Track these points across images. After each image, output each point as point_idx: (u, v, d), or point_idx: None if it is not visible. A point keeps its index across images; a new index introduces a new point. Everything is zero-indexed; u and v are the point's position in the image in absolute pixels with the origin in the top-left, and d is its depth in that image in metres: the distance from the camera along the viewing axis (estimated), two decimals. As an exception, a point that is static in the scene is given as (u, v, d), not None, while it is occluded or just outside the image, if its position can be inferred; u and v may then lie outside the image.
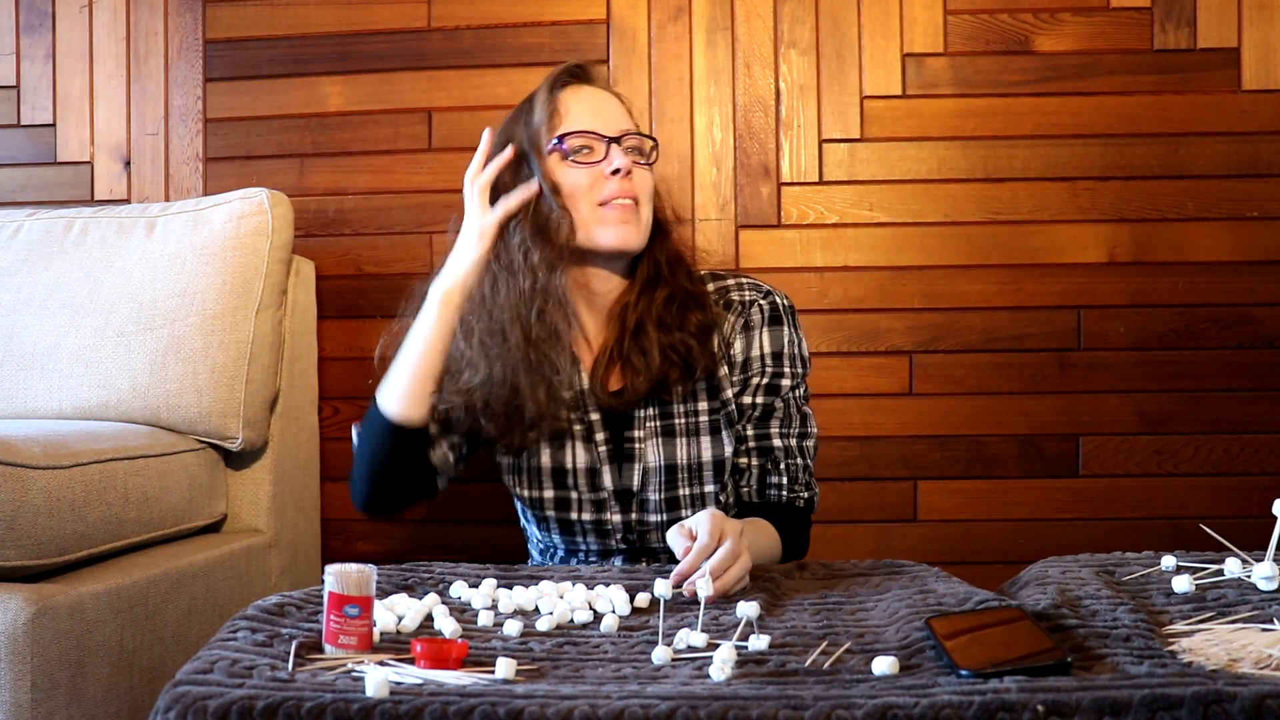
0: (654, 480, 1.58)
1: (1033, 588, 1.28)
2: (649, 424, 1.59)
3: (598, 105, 1.58)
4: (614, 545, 1.61)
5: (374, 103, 2.28)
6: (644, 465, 1.58)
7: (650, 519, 1.59)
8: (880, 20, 2.20)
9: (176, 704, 0.91)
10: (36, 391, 1.89)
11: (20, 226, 2.05)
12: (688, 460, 1.59)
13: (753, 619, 1.07)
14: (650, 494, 1.58)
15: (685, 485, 1.59)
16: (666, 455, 1.58)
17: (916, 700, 0.89)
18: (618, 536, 1.60)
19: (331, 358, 2.27)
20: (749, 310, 1.63)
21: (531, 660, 1.05)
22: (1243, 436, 2.17)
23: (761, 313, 1.63)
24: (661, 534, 1.57)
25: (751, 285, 1.66)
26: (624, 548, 1.61)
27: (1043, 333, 2.19)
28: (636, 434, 1.59)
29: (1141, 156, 2.17)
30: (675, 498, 1.59)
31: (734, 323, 1.63)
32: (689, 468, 1.59)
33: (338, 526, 2.28)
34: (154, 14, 2.32)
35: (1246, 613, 1.12)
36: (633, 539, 1.60)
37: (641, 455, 1.58)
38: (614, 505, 1.59)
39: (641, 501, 1.58)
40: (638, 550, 1.61)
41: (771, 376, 1.62)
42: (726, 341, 1.62)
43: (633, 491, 1.59)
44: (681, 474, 1.59)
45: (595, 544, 1.62)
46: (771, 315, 1.63)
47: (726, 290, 1.65)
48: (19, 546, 1.41)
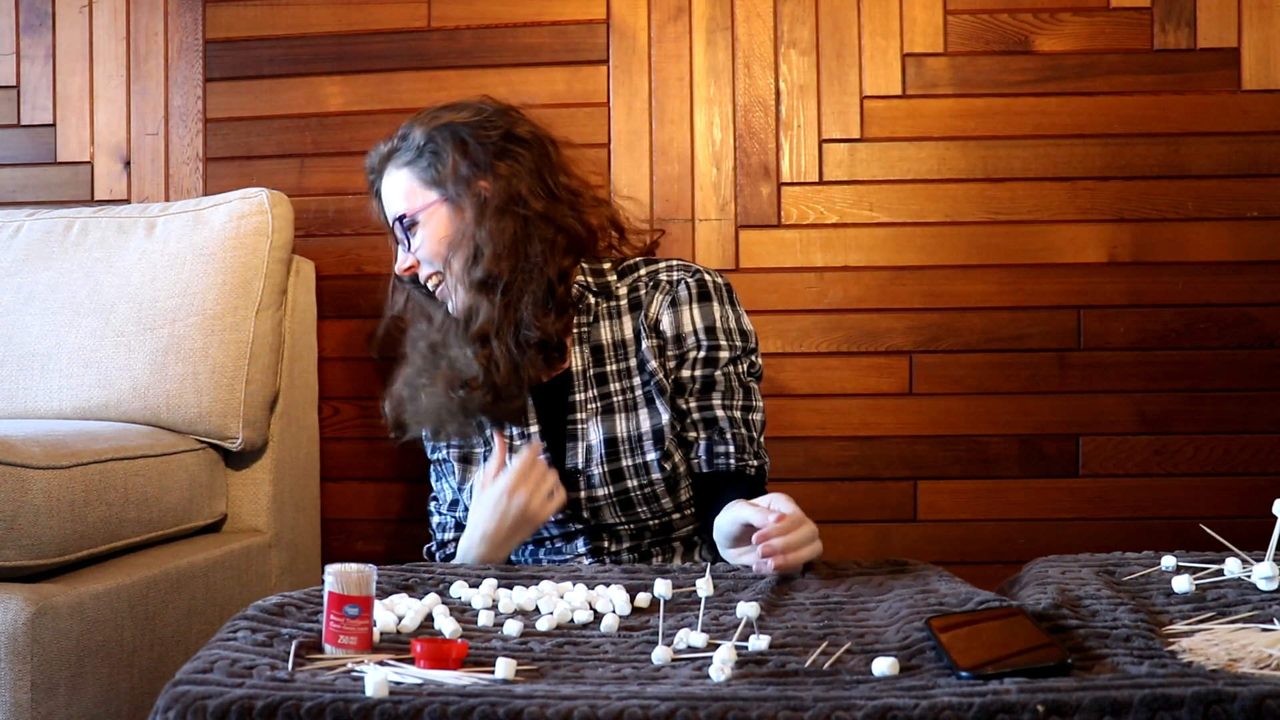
0: (596, 454, 1.64)
1: (1033, 588, 1.28)
2: (590, 405, 1.66)
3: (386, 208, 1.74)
4: (571, 526, 1.67)
5: (374, 103, 2.28)
6: (586, 444, 1.65)
7: (599, 493, 1.64)
8: (880, 20, 2.20)
9: (176, 703, 0.91)
10: (36, 391, 1.89)
11: (20, 226, 2.05)
12: (627, 433, 1.64)
13: (753, 619, 1.07)
14: (594, 468, 1.63)
15: (627, 456, 1.64)
16: (606, 430, 1.65)
17: (916, 702, 0.89)
18: (569, 514, 1.65)
19: (331, 358, 2.27)
20: (675, 288, 1.69)
21: (531, 660, 1.05)
22: (1243, 436, 2.17)
23: (689, 289, 1.68)
24: (613, 508, 1.64)
25: (681, 266, 1.73)
26: (580, 528, 1.66)
27: (1043, 333, 2.18)
28: (578, 416, 1.67)
29: (1141, 156, 2.17)
30: (619, 469, 1.63)
31: (660, 300, 1.68)
32: (629, 439, 1.64)
33: (338, 526, 2.28)
34: (154, 14, 2.32)
35: (1246, 613, 1.12)
36: (587, 516, 1.65)
37: (584, 434, 1.65)
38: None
39: (588, 477, 1.64)
40: (596, 528, 1.66)
41: (707, 350, 1.66)
42: (654, 316, 1.68)
43: (579, 469, 1.64)
44: (623, 445, 1.64)
45: (556, 529, 1.67)
46: (700, 292, 1.68)
47: (656, 272, 1.72)
48: (19, 546, 1.41)
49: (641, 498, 1.64)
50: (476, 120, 1.70)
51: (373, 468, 2.28)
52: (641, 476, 1.63)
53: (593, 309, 1.70)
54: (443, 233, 1.67)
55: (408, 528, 2.28)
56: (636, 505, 1.64)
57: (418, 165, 1.69)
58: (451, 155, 1.67)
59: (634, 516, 1.65)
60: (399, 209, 1.70)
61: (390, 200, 1.72)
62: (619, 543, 1.66)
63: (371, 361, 2.21)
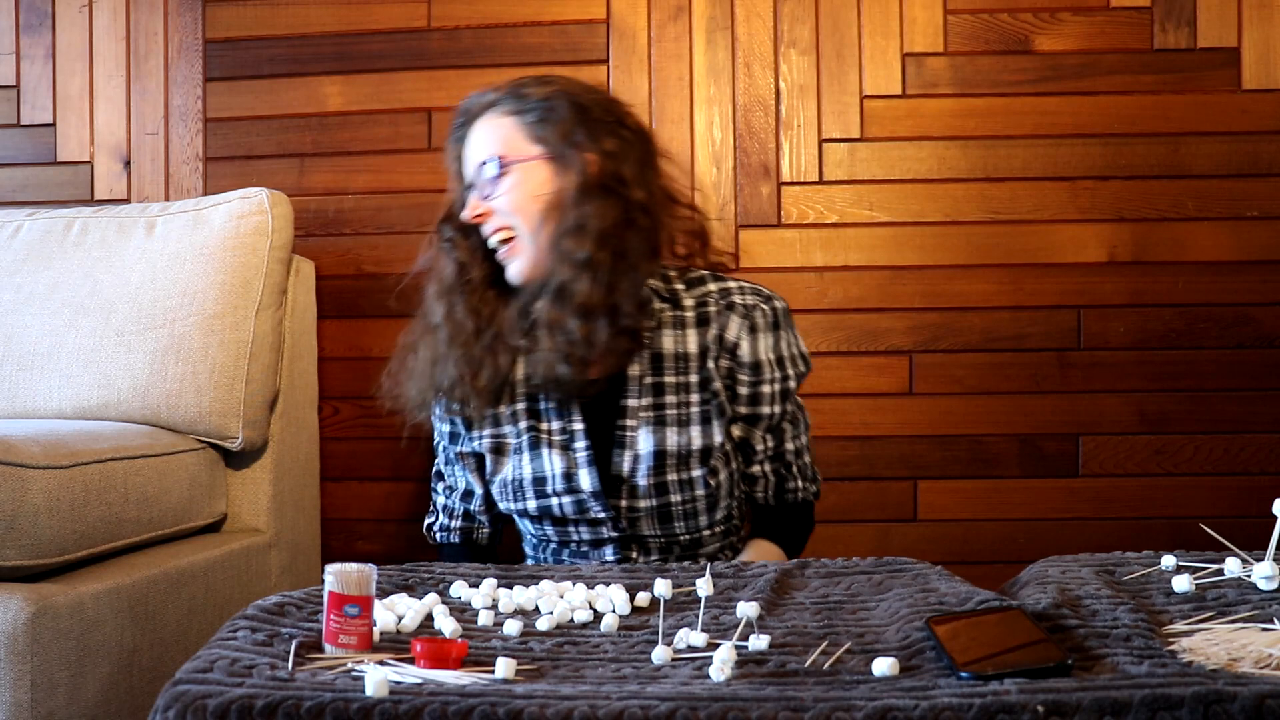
0: (644, 465, 1.60)
1: (1033, 588, 1.28)
2: (642, 413, 1.62)
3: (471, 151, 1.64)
4: (605, 534, 1.64)
5: (374, 103, 2.28)
6: (634, 452, 1.61)
7: (640, 504, 1.62)
8: (880, 20, 2.20)
9: (176, 703, 0.91)
10: (36, 391, 1.89)
11: (20, 226, 2.05)
12: (677, 447, 1.61)
13: (753, 619, 1.07)
14: (640, 479, 1.60)
15: (674, 470, 1.61)
16: (656, 442, 1.61)
17: (916, 702, 0.89)
18: (608, 524, 1.63)
19: (331, 358, 2.27)
20: (753, 313, 1.65)
21: (531, 660, 1.05)
22: (1243, 436, 2.17)
23: (765, 316, 1.65)
24: (651, 520, 1.62)
25: (753, 290, 1.68)
26: (615, 535, 1.64)
27: (1043, 332, 2.19)
28: (629, 422, 1.62)
29: (1141, 156, 2.17)
30: (664, 483, 1.61)
31: (738, 325, 1.64)
32: (677, 454, 1.61)
33: (338, 526, 2.28)
34: (154, 14, 2.32)
35: (1246, 613, 1.12)
36: (623, 527, 1.63)
37: (632, 443, 1.61)
38: (594, 506, 1.61)
39: (631, 487, 1.61)
40: (626, 538, 1.64)
41: (782, 381, 1.66)
42: (733, 341, 1.64)
43: (623, 477, 1.61)
44: (670, 459, 1.61)
45: (587, 534, 1.65)
46: (774, 320, 1.66)
47: (728, 292, 1.67)
48: (19, 546, 1.41)
49: (681, 513, 1.63)
50: (593, 97, 1.63)
51: (373, 468, 2.28)
52: (685, 492, 1.62)
53: (657, 315, 1.64)
54: (538, 190, 1.57)
55: (408, 528, 2.28)
56: (675, 520, 1.63)
57: (527, 117, 1.60)
58: (567, 117, 1.58)
59: (669, 530, 1.64)
60: (492, 150, 1.59)
61: (482, 143, 1.61)
62: (646, 555, 1.65)
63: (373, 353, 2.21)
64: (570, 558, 1.68)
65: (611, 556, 1.64)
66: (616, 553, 1.64)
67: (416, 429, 1.76)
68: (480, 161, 1.61)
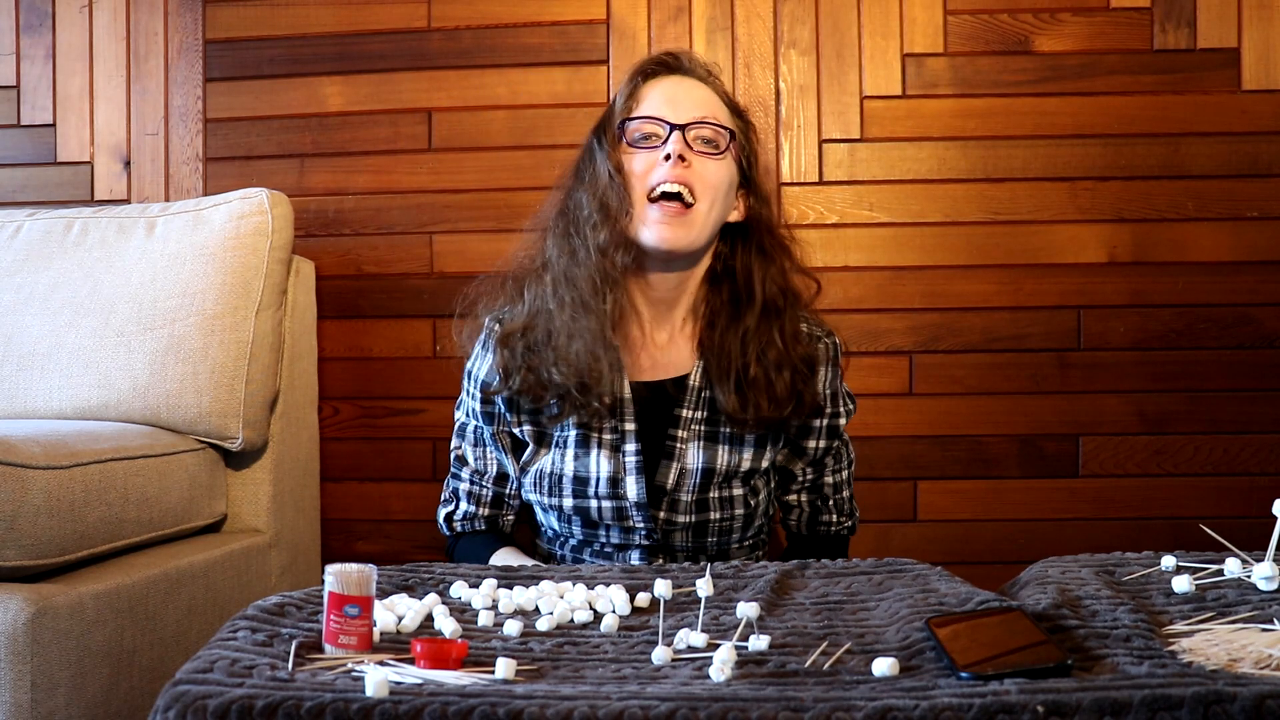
0: (690, 480, 1.58)
1: (1033, 588, 1.27)
2: (694, 426, 1.58)
3: (675, 93, 1.56)
4: (636, 540, 1.61)
5: (374, 103, 2.28)
6: (682, 466, 1.58)
7: (679, 519, 1.59)
8: (880, 20, 2.20)
9: (176, 703, 0.91)
10: (36, 391, 1.89)
11: (20, 226, 2.05)
12: (725, 466, 1.59)
13: (753, 619, 1.07)
14: (683, 495, 1.58)
15: (718, 489, 1.60)
16: (706, 459, 1.58)
17: (916, 702, 0.89)
18: (641, 533, 1.60)
19: (331, 358, 2.28)
20: (815, 344, 1.64)
21: (531, 660, 1.05)
22: (1243, 436, 2.17)
23: (828, 351, 1.65)
24: (688, 533, 1.60)
25: (815, 322, 1.67)
26: (646, 544, 1.61)
27: (1043, 333, 2.19)
28: (680, 434, 1.58)
29: (1141, 156, 2.17)
30: (706, 500, 1.60)
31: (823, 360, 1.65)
32: (724, 473, 1.59)
33: (338, 526, 2.28)
34: (154, 14, 2.32)
35: (1246, 613, 1.12)
36: (657, 537, 1.60)
37: (681, 455, 1.58)
38: (635, 515, 1.58)
39: (673, 501, 1.58)
40: (659, 547, 1.62)
41: (831, 418, 1.65)
42: None
43: (665, 489, 1.58)
44: (717, 478, 1.59)
45: (617, 538, 1.62)
46: (834, 355, 1.65)
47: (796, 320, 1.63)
48: (19, 546, 1.41)
49: (717, 529, 1.62)
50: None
51: (373, 468, 2.28)
52: (725, 510, 1.60)
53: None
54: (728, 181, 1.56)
55: (408, 528, 2.28)
56: (709, 535, 1.62)
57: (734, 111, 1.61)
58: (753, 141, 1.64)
59: (700, 544, 1.62)
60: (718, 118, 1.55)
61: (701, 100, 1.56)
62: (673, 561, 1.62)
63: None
64: (592, 557, 1.66)
65: (637, 561, 1.61)
66: (643, 557, 1.62)
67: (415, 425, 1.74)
68: (698, 115, 1.54)
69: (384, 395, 2.28)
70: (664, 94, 1.57)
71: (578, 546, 1.67)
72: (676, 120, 1.53)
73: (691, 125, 1.53)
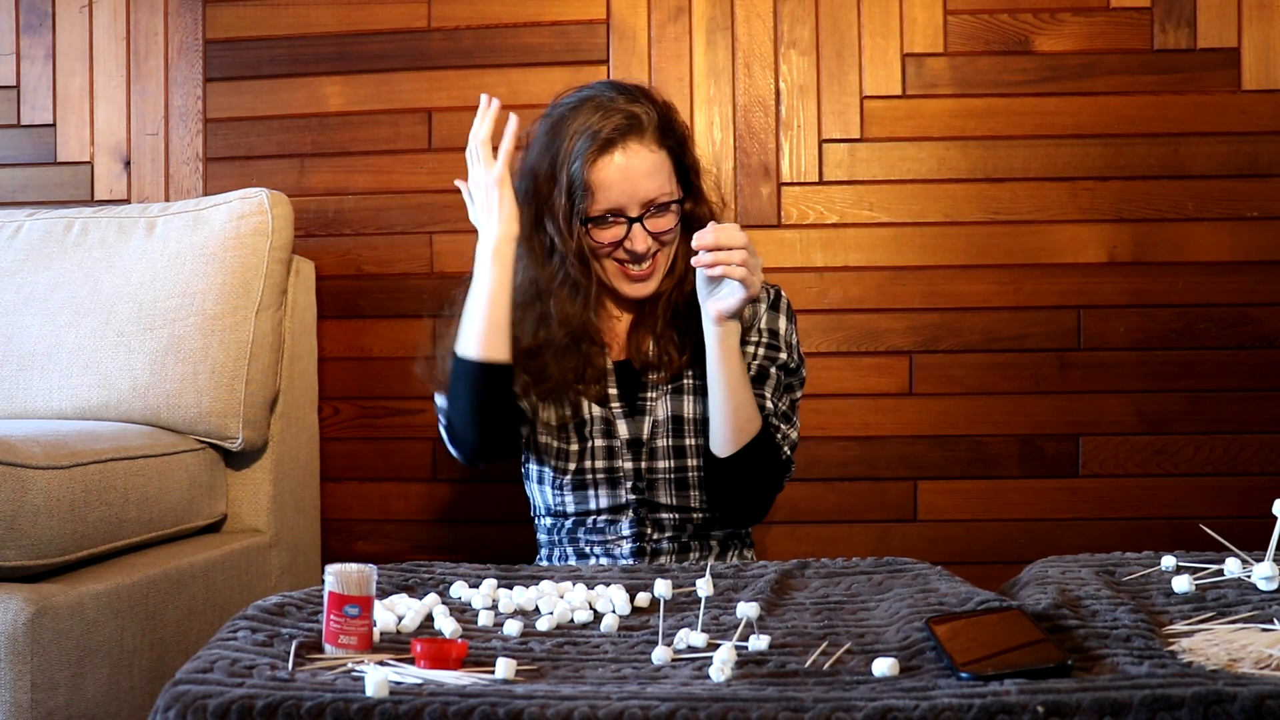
0: (663, 429, 1.68)
1: (1033, 588, 1.28)
2: (662, 385, 1.70)
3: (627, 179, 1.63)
4: (624, 498, 1.67)
5: (374, 103, 2.28)
6: (653, 418, 1.69)
7: (659, 465, 1.68)
8: (880, 20, 2.20)
9: (176, 703, 0.91)
10: (36, 391, 1.89)
11: (20, 226, 2.05)
12: (693, 414, 1.68)
13: (753, 619, 1.07)
14: (659, 441, 1.68)
15: (691, 436, 1.68)
16: (674, 409, 1.69)
17: (916, 703, 0.89)
18: (628, 485, 1.67)
19: (331, 358, 2.27)
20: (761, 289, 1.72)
21: (531, 660, 1.05)
22: (1243, 436, 2.17)
23: (767, 294, 1.74)
24: (670, 485, 1.68)
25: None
26: (634, 498, 1.67)
27: (1043, 333, 2.18)
28: (650, 394, 1.70)
29: (1141, 156, 2.17)
30: (682, 446, 1.68)
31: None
32: (695, 420, 1.68)
33: (338, 526, 2.28)
34: (154, 14, 2.32)
35: (1246, 613, 1.12)
36: (642, 487, 1.68)
37: (652, 410, 1.70)
38: (625, 453, 1.68)
39: (651, 450, 1.68)
40: (646, 503, 1.68)
41: (769, 349, 1.70)
42: None
43: (643, 440, 1.68)
44: (688, 425, 1.68)
45: (606, 498, 1.68)
46: (773, 302, 1.74)
47: None
48: (19, 546, 1.41)
49: (698, 480, 1.67)
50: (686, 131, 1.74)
51: (373, 468, 2.28)
52: (702, 457, 1.66)
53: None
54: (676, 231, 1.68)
55: (408, 528, 2.28)
56: (691, 487, 1.68)
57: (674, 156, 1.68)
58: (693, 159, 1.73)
59: (685, 500, 1.68)
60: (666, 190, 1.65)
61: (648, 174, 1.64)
62: (661, 531, 1.68)
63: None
64: (586, 535, 1.69)
65: (628, 530, 1.66)
66: (633, 527, 1.67)
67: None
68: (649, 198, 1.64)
69: (384, 395, 2.28)
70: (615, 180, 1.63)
71: (572, 528, 1.70)
72: (632, 212, 1.64)
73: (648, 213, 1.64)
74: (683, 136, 1.71)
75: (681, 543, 1.68)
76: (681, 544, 1.68)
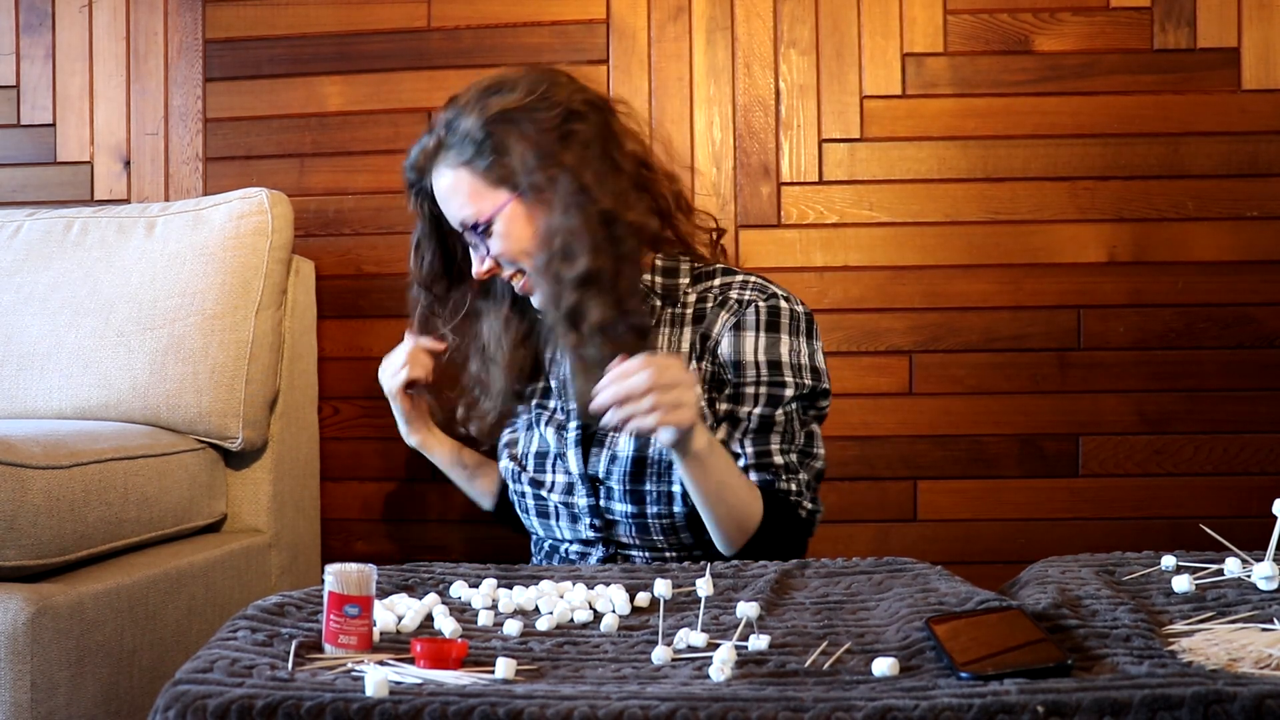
0: (618, 470, 1.54)
1: (1033, 588, 1.28)
2: None
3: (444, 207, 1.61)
4: (585, 533, 1.61)
5: (374, 103, 2.28)
6: (612, 452, 1.56)
7: (615, 507, 1.56)
8: (880, 20, 2.20)
9: (176, 703, 0.91)
10: (36, 391, 1.89)
11: (20, 226, 2.05)
12: (658, 455, 1.53)
13: (753, 619, 1.07)
14: (614, 483, 1.55)
15: (652, 481, 1.54)
16: (638, 447, 1.54)
17: (916, 703, 0.89)
18: (585, 522, 1.60)
19: (331, 358, 2.27)
20: (744, 311, 1.57)
21: (531, 660, 1.05)
22: (1243, 436, 2.17)
23: (757, 314, 1.56)
24: (629, 528, 1.57)
25: (756, 285, 1.60)
26: (597, 537, 1.61)
27: (1043, 333, 2.18)
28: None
29: (1141, 156, 2.17)
30: (640, 492, 1.54)
31: (724, 320, 1.57)
32: (658, 463, 1.53)
33: (338, 526, 2.28)
34: (154, 14, 2.32)
35: (1246, 613, 1.12)
36: (598, 525, 1.59)
37: (613, 442, 1.56)
38: (581, 489, 1.59)
39: (608, 489, 1.57)
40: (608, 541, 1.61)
41: (769, 386, 1.54)
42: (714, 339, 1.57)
43: (599, 477, 1.58)
44: (650, 467, 1.54)
45: (569, 531, 1.63)
46: (769, 320, 1.56)
47: (729, 286, 1.61)
48: (19, 546, 1.41)
49: (660, 528, 1.56)
50: (531, 102, 1.52)
51: (373, 468, 2.28)
52: (663, 505, 1.54)
53: (656, 313, 1.59)
54: (524, 232, 1.53)
55: (408, 528, 2.28)
56: (654, 533, 1.56)
57: (478, 163, 1.54)
58: (516, 148, 1.51)
59: (650, 544, 1.58)
60: (466, 214, 1.55)
61: (450, 202, 1.57)
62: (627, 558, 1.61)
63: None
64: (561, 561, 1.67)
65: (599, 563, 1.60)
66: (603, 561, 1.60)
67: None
68: (462, 224, 1.58)
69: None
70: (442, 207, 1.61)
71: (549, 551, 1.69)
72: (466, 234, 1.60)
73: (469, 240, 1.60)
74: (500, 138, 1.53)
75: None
76: None
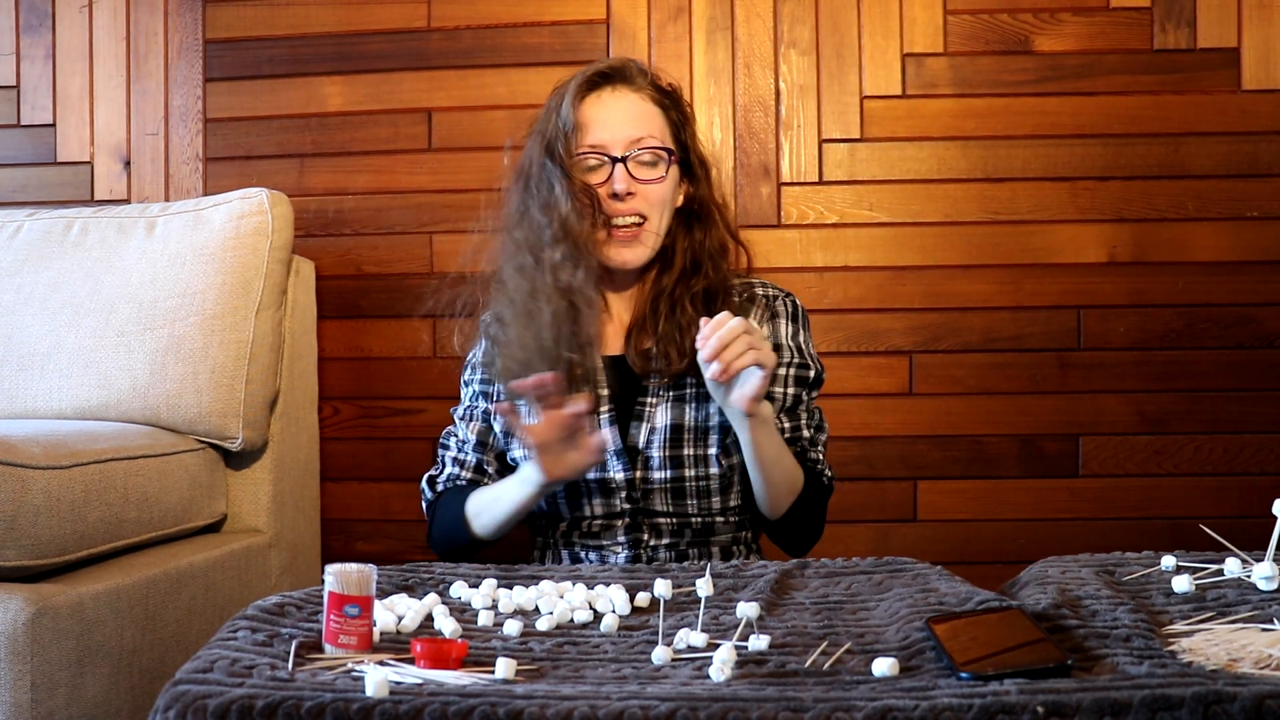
0: (658, 438, 1.63)
1: (1033, 588, 1.28)
2: (662, 391, 1.65)
3: (610, 115, 1.63)
4: (618, 506, 1.64)
5: (374, 103, 2.28)
6: (651, 425, 1.64)
7: (654, 475, 1.63)
8: (880, 20, 2.20)
9: (176, 703, 0.91)
10: (36, 391, 1.89)
11: (20, 226, 2.05)
12: (694, 423, 1.63)
13: (753, 619, 1.07)
14: (654, 451, 1.63)
15: (690, 445, 1.63)
16: (674, 416, 1.64)
17: (916, 703, 0.89)
18: (622, 495, 1.64)
19: (331, 358, 2.27)
20: (774, 303, 1.72)
21: (531, 660, 1.05)
22: (1243, 436, 2.17)
23: (787, 307, 1.72)
24: (664, 494, 1.64)
25: (773, 285, 1.76)
26: (628, 508, 1.64)
27: (1043, 333, 2.19)
28: (649, 399, 1.65)
29: (1141, 156, 2.17)
30: (679, 456, 1.63)
31: (760, 313, 1.70)
32: (695, 429, 1.63)
33: (338, 526, 2.28)
34: (154, 14, 2.32)
35: (1246, 613, 1.12)
36: (636, 497, 1.64)
37: (650, 416, 1.64)
38: (616, 464, 1.62)
39: (646, 459, 1.63)
40: (639, 520, 1.64)
41: (799, 367, 1.68)
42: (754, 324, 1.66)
43: (638, 448, 1.63)
44: (687, 434, 1.63)
45: (600, 506, 1.64)
46: (794, 313, 1.72)
47: (750, 286, 1.73)
48: (19, 546, 1.41)
49: (695, 490, 1.64)
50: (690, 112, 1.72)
51: (373, 468, 2.28)
52: (700, 468, 1.63)
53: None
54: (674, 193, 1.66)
55: (408, 528, 2.28)
56: (688, 496, 1.64)
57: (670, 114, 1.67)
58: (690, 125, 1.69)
59: (682, 509, 1.64)
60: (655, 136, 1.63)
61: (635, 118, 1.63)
62: (659, 538, 1.65)
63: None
64: (580, 539, 1.67)
65: (623, 538, 1.64)
66: (628, 535, 1.64)
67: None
68: (635, 137, 1.61)
69: (384, 395, 2.28)
70: (601, 117, 1.63)
71: (566, 530, 1.68)
72: (616, 151, 1.61)
73: (630, 155, 1.61)
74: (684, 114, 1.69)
75: (679, 550, 1.65)
76: (680, 551, 1.65)
